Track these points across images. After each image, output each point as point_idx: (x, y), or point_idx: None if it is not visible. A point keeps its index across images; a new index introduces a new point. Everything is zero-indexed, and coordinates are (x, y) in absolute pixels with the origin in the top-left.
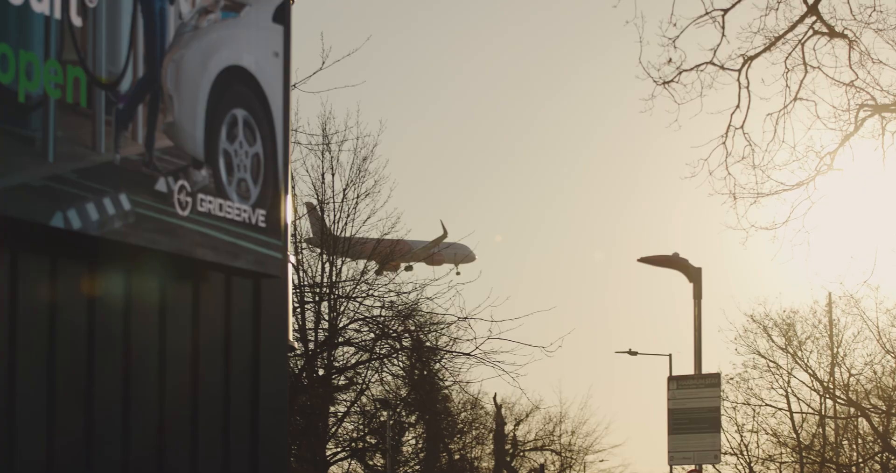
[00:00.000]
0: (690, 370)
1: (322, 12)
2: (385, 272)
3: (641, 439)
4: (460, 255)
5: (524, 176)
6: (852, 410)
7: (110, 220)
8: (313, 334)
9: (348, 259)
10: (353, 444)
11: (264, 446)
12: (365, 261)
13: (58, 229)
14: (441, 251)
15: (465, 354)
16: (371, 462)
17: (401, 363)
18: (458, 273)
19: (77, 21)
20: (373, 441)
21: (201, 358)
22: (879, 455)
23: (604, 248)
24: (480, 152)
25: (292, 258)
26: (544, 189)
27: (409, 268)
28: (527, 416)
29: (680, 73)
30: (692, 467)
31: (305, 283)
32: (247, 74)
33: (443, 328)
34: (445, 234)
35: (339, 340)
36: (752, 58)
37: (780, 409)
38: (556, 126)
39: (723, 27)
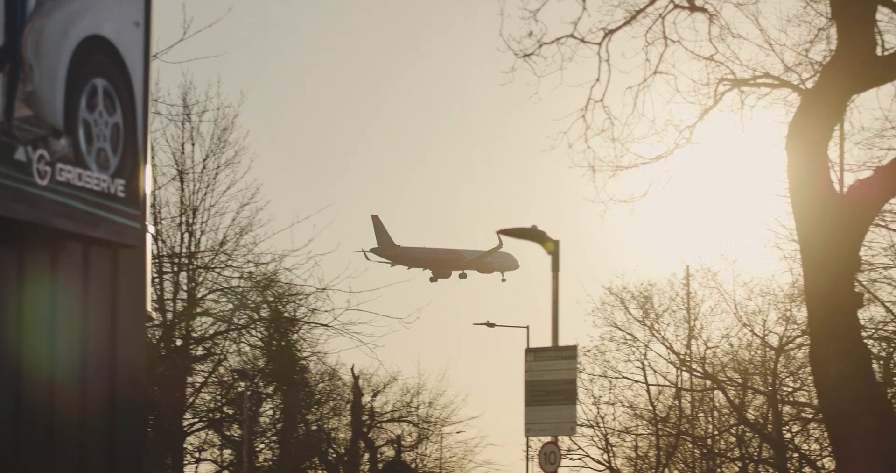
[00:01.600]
0: (548, 343)
1: None
2: (245, 242)
3: (498, 411)
4: (506, 263)
5: (384, 147)
6: (708, 382)
7: None
8: (172, 304)
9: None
10: (210, 414)
11: (121, 416)
12: (225, 230)
13: None
14: (491, 260)
15: (323, 325)
16: (228, 433)
17: (259, 334)
18: (503, 280)
19: None
20: (230, 412)
21: (58, 328)
22: (735, 428)
23: (462, 219)
24: (341, 123)
25: (151, 228)
26: (404, 160)
27: (462, 276)
28: (384, 387)
29: (540, 45)
30: (549, 439)
31: (164, 253)
32: (107, 44)
33: (301, 299)
34: (501, 244)
35: (198, 310)
36: (612, 31)
37: (636, 381)
38: (417, 98)
39: (584, 0)
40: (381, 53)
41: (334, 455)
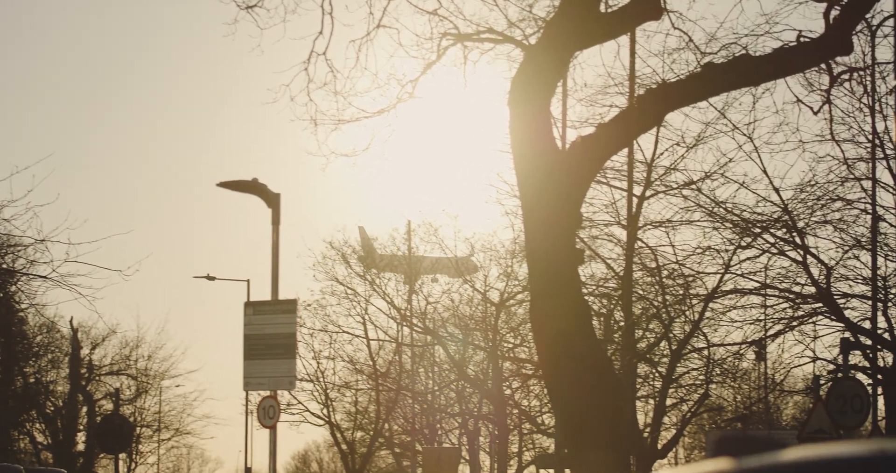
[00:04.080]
0: (268, 296)
1: None
2: None
3: (218, 364)
4: (470, 267)
5: (105, 97)
6: (429, 338)
7: None
8: None
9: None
10: None
11: None
12: None
13: None
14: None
15: (41, 276)
16: None
17: None
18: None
19: None
20: None
21: None
22: (455, 383)
23: (183, 172)
24: (61, 73)
25: None
26: (125, 111)
27: (434, 279)
28: (103, 340)
29: None
30: (268, 393)
31: None
32: None
33: (19, 251)
34: (473, 252)
35: None
36: None
37: (357, 336)
38: (139, 49)
39: None
40: (104, 2)
41: (52, 408)
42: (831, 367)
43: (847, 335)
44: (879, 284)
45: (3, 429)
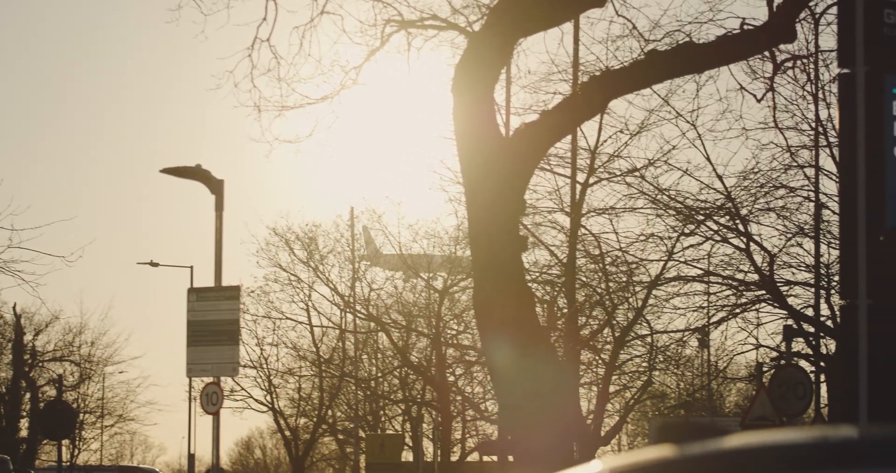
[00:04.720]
0: (211, 283)
1: None
2: None
3: (161, 351)
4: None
5: (49, 83)
6: (372, 324)
7: None
8: None
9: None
10: None
11: None
12: None
13: None
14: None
15: None
16: None
17: None
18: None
19: None
20: None
21: None
22: (398, 370)
23: (127, 158)
24: (1, 60)
25: None
26: (69, 97)
27: (432, 278)
28: (46, 326)
29: None
30: (211, 379)
31: None
32: None
33: None
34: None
35: None
36: None
37: (300, 323)
38: (83, 35)
39: None
40: None
41: None
42: (774, 354)
43: (790, 322)
44: (822, 271)
45: None
